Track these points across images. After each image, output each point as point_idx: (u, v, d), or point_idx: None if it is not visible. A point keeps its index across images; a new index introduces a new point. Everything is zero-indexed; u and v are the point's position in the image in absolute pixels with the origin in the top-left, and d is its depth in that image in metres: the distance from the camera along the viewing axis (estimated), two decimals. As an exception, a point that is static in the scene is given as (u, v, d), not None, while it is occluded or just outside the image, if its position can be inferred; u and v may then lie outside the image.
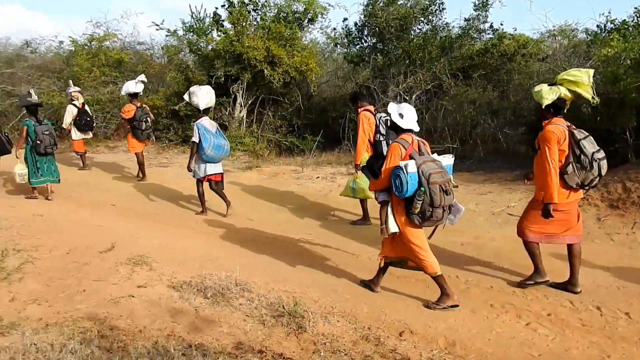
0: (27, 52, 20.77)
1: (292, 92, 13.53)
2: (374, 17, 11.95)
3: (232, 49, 12.18)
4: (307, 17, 13.10)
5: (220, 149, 7.27)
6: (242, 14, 12.48)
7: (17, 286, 4.62)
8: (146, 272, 4.95)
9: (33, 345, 3.36)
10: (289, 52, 12.35)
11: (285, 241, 6.38)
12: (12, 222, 6.38)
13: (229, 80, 12.78)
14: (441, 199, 4.06)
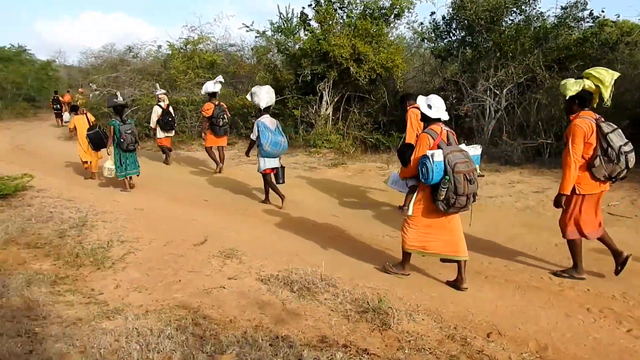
0: (129, 56, 22.29)
1: (378, 88, 13.47)
2: (463, 9, 11.60)
3: (318, 48, 12.34)
4: (394, 12, 12.97)
5: (278, 145, 7.63)
6: (329, 12, 12.60)
7: (121, 274, 5.01)
8: (236, 264, 5.18)
9: (135, 329, 3.62)
10: (374, 48, 12.30)
11: (370, 238, 6.40)
12: (116, 216, 6.89)
13: (315, 78, 12.96)
14: (465, 187, 4.29)
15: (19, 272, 4.83)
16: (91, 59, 28.88)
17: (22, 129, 21.21)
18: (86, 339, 3.41)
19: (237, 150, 13.19)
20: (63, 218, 6.71)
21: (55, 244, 5.85)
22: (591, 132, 4.51)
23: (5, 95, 28.02)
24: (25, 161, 12.71)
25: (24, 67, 31.17)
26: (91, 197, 8.05)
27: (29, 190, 8.11)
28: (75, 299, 4.31)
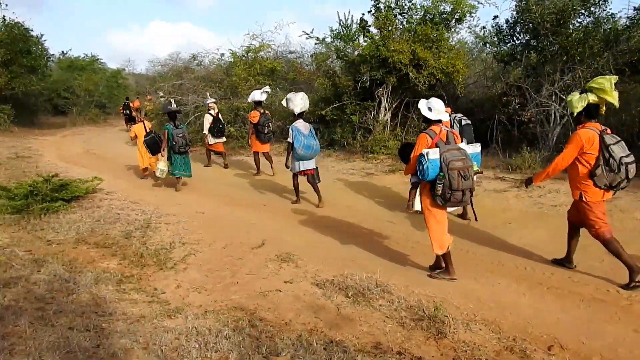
0: (193, 64, 23.01)
1: (438, 94, 13.26)
2: (528, 12, 11.26)
3: (377, 54, 12.31)
4: (455, 17, 12.75)
5: (310, 148, 8.03)
6: (388, 18, 12.55)
7: (182, 275, 5.18)
8: (292, 268, 5.25)
9: (194, 329, 3.74)
10: (435, 54, 12.15)
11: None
12: (178, 218, 7.13)
13: (374, 84, 12.93)
14: (459, 183, 4.60)
15: (88, 270, 5.09)
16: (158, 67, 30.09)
17: (93, 134, 22.31)
18: (149, 336, 3.55)
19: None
20: (129, 220, 7.01)
21: (121, 244, 6.13)
22: (592, 143, 4.76)
23: (79, 102, 29.57)
24: (95, 165, 13.37)
25: (96, 76, 32.84)
26: (155, 200, 8.37)
27: (99, 192, 8.53)
28: (139, 298, 4.50)
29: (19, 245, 5.69)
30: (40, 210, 7.16)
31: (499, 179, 9.15)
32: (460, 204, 4.88)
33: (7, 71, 20.49)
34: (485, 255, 5.89)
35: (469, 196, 4.76)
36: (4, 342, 3.20)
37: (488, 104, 12.85)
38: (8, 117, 20.79)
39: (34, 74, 22.48)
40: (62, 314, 3.78)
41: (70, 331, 3.48)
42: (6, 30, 20.76)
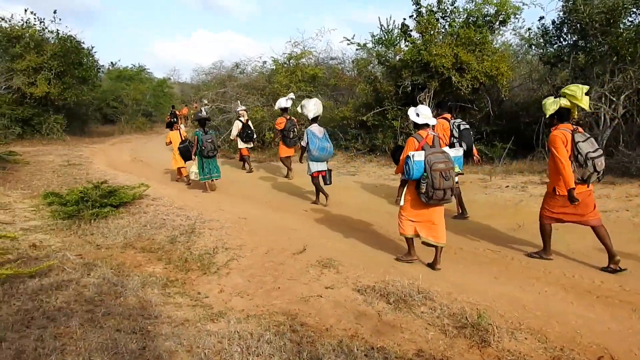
0: (236, 72, 23.39)
1: (481, 98, 13.06)
2: (575, 12, 10.94)
3: (419, 58, 12.22)
4: (499, 19, 12.54)
5: (324, 150, 8.59)
6: (430, 22, 12.45)
7: (225, 280, 5.26)
8: (333, 274, 5.24)
9: (236, 333, 3.78)
10: (478, 57, 11.97)
11: (470, 251, 6.20)
12: (222, 224, 7.24)
13: (415, 89, 12.83)
14: (440, 182, 5.15)
15: (135, 274, 5.24)
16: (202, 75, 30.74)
17: (140, 142, 22.97)
18: (192, 339, 3.62)
19: (336, 162, 13.35)
20: (174, 225, 7.17)
21: (166, 249, 6.28)
22: (567, 142, 5.34)
23: (127, 111, 30.52)
24: (142, 172, 13.75)
25: (143, 85, 33.86)
26: (199, 206, 8.53)
27: (145, 198, 8.76)
28: (184, 301, 4.59)
29: (70, 249, 5.91)
30: (90, 216, 7.41)
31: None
32: (442, 201, 5.32)
33: (60, 82, 21.35)
34: (531, 262, 5.74)
35: (449, 195, 5.27)
36: (56, 342, 3.32)
37: (534, 107, 12.51)
38: (61, 127, 21.66)
39: (85, 84, 23.33)
40: (110, 316, 3.89)
41: (118, 333, 3.58)
42: (60, 43, 21.66)
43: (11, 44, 20.75)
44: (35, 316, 3.73)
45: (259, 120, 16.41)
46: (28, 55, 20.40)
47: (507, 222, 7.52)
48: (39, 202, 8.64)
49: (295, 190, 10.40)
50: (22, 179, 11.72)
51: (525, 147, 11.83)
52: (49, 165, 13.71)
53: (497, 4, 12.22)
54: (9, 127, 18.94)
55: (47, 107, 21.81)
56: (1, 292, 4.13)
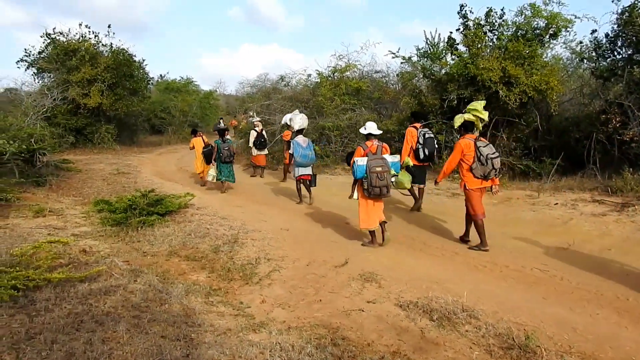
0: (281, 85, 23.67)
1: (529, 112, 12.74)
2: (631, 25, 10.59)
3: (465, 72, 12.06)
4: (549, 32, 12.24)
5: (306, 157, 10.08)
6: (478, 35, 12.29)
7: (267, 290, 5.28)
8: (375, 288, 5.18)
9: (278, 344, 3.78)
10: (527, 70, 11.71)
11: (516, 270, 6.02)
12: (264, 234, 7.30)
13: (461, 103, 12.64)
14: (376, 182, 6.61)
15: (179, 281, 5.33)
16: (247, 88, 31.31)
17: (186, 152, 23.40)
18: (235, 349, 3.64)
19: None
20: (218, 235, 7.27)
21: (210, 258, 6.36)
22: (469, 148, 6.83)
23: (174, 121, 31.33)
24: (187, 181, 14.06)
25: (190, 97, 34.70)
26: (242, 216, 8.63)
27: (190, 207, 8.93)
28: (226, 311, 4.63)
29: (118, 256, 6.06)
30: (137, 223, 7.60)
31: (597, 202, 8.58)
32: (380, 196, 6.80)
33: (112, 94, 22.12)
34: (582, 283, 5.52)
35: (385, 192, 6.72)
36: (104, 346, 3.39)
37: (585, 122, 12.12)
38: (112, 136, 22.41)
39: (135, 96, 24.10)
40: (155, 323, 3.96)
41: (163, 339, 3.63)
42: (113, 56, 22.48)
43: (68, 57, 21.66)
44: (84, 320, 3.83)
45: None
46: (83, 68, 21.25)
47: (556, 240, 7.28)
48: (89, 209, 8.93)
49: (336, 203, 10.38)
50: (74, 186, 12.17)
51: (576, 164, 11.47)
52: (99, 174, 14.18)
53: (548, 17, 11.95)
54: (63, 136, 19.70)
55: (99, 118, 22.63)
56: (53, 295, 4.27)
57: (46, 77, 22.75)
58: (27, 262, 4.80)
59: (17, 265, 4.62)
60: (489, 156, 6.72)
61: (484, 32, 12.49)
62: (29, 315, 3.82)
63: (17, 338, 3.40)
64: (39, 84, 22.66)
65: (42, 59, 22.15)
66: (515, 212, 8.89)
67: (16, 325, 3.61)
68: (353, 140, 15.91)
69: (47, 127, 16.89)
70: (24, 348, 3.26)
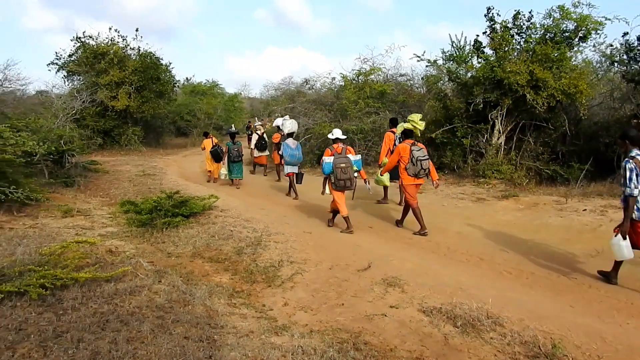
0: (305, 88, 23.76)
1: (558, 116, 12.53)
2: (663, 28, 10.35)
3: (492, 75, 11.92)
4: (579, 35, 12.02)
5: (294, 157, 11.66)
6: (505, 38, 12.14)
7: (290, 293, 5.28)
8: (398, 293, 5.13)
9: (300, 347, 3.77)
10: (555, 74, 11.52)
11: (543, 277, 5.90)
12: (287, 237, 7.30)
13: (487, 106, 12.51)
14: (340, 175, 7.96)
15: (203, 283, 5.36)
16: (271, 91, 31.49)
17: (211, 154, 23.67)
18: (257, 352, 3.64)
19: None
20: (241, 237, 7.30)
21: (233, 259, 6.39)
22: (405, 151, 8.08)
23: (199, 124, 31.69)
24: (211, 183, 14.17)
25: (215, 100, 35.07)
26: (266, 219, 8.65)
27: (214, 209, 8.98)
28: (249, 313, 4.64)
29: (143, 256, 6.13)
30: (162, 225, 7.68)
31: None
32: (345, 188, 8.15)
33: (139, 96, 22.49)
34: (611, 291, 5.39)
35: (349, 184, 8.08)
36: (128, 345, 3.43)
37: (615, 127, 11.86)
38: (138, 138, 22.77)
39: (161, 98, 24.45)
40: (179, 324, 3.99)
41: (186, 340, 3.65)
42: (140, 59, 22.86)
43: (97, 60, 22.10)
44: (110, 319, 3.88)
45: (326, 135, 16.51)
46: (111, 71, 21.66)
47: (584, 247, 7.12)
48: (116, 210, 9.07)
49: (359, 205, 10.34)
50: (101, 187, 12.37)
51: (605, 169, 11.24)
52: (126, 175, 14.39)
53: (577, 19, 11.74)
54: (92, 138, 20.07)
55: (126, 120, 23.03)
56: (80, 294, 4.33)
57: (76, 79, 23.27)
58: (56, 262, 4.89)
59: (46, 264, 4.70)
60: (419, 158, 7.99)
61: (511, 35, 12.34)
62: (56, 314, 3.89)
63: (45, 336, 3.46)
64: (69, 87, 23.18)
65: (72, 62, 22.65)
66: (542, 217, 8.73)
67: (44, 323, 3.68)
68: (377, 144, 15.85)
69: (76, 128, 17.24)
70: (52, 346, 3.32)
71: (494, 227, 8.43)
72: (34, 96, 24.22)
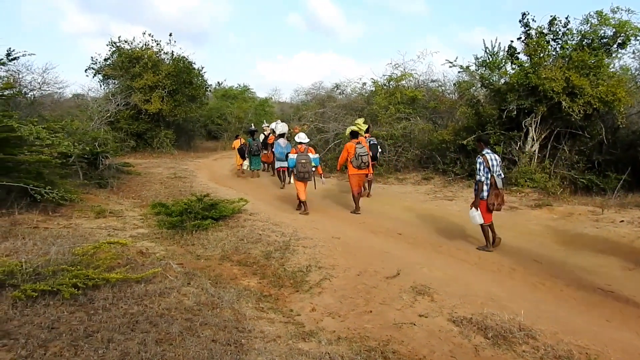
0: (336, 93, 23.75)
1: (594, 124, 12.21)
2: None
3: (526, 82, 11.70)
4: (617, 41, 11.71)
5: (283, 154, 13.37)
6: (540, 44, 11.91)
7: (317, 299, 5.24)
8: (427, 302, 5.05)
9: (327, 354, 3.74)
10: (592, 81, 11.24)
11: (580, 289, 5.73)
12: (315, 242, 7.28)
13: (521, 113, 12.28)
14: (300, 169, 9.79)
15: (231, 286, 5.37)
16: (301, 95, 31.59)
17: (241, 158, 23.88)
18: (284, 357, 3.61)
19: (433, 185, 13.07)
20: (269, 241, 7.31)
21: (261, 263, 6.39)
22: (352, 149, 10.10)
23: (230, 127, 32.02)
24: (241, 186, 14.26)
25: (245, 104, 35.43)
26: (294, 223, 8.65)
27: (243, 213, 9.03)
28: (276, 317, 4.62)
29: (172, 258, 6.18)
30: (192, 227, 7.75)
31: None
32: (304, 179, 9.98)
33: (172, 100, 22.86)
34: (651, 306, 5.20)
35: (307, 176, 9.91)
36: (157, 347, 3.45)
37: (657, 136, 11.51)
38: (170, 141, 23.15)
39: (193, 102, 24.80)
40: (207, 326, 4.00)
41: (214, 343, 3.65)
42: (173, 63, 23.24)
43: (132, 64, 22.56)
44: (139, 320, 3.91)
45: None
46: (145, 75, 22.08)
47: (621, 259, 6.90)
48: (147, 211, 9.19)
49: (389, 214, 10.27)
50: (133, 188, 12.58)
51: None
52: (157, 177, 14.61)
53: (616, 25, 11.44)
54: (125, 140, 20.48)
55: (158, 123, 23.42)
56: (111, 294, 4.39)
57: (111, 83, 23.80)
58: (88, 262, 4.96)
59: (79, 264, 4.78)
60: (360, 154, 10.11)
61: (546, 40, 12.10)
62: (87, 313, 3.94)
63: (76, 335, 3.50)
64: (104, 90, 23.71)
65: (107, 66, 23.17)
66: (577, 228, 8.50)
67: (75, 323, 3.73)
68: (407, 150, 15.73)
69: (110, 131, 17.63)
70: (82, 345, 3.36)
71: (527, 236, 8.24)
72: (70, 99, 24.86)
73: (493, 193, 7.42)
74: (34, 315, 3.77)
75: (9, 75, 15.02)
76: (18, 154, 8.30)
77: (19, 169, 8.36)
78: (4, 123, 7.55)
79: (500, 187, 7.45)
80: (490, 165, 7.35)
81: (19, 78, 16.47)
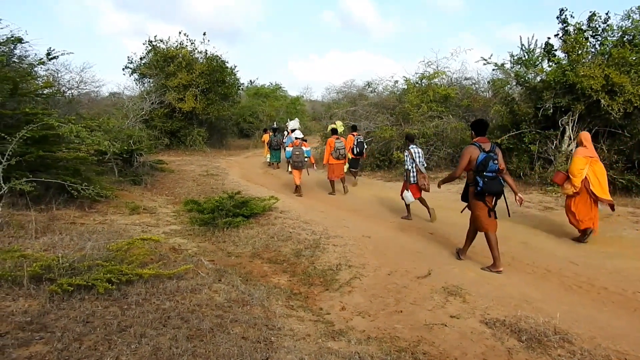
0: (367, 91, 23.65)
1: (635, 123, 11.80)
2: None
3: (563, 79, 11.41)
4: (660, 37, 11.33)
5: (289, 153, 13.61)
6: (578, 41, 11.59)
7: (347, 298, 5.22)
8: (459, 303, 4.97)
9: (357, 354, 3.71)
10: (633, 78, 10.88)
11: (617, 293, 5.55)
12: (345, 241, 7.26)
13: (557, 112, 11.98)
14: (295, 159, 12.13)
15: (261, 283, 5.40)
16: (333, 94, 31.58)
17: (272, 156, 24.04)
18: (313, 356, 3.60)
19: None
20: (300, 239, 7.32)
21: (291, 261, 6.41)
22: (332, 143, 12.61)
23: (262, 126, 32.25)
24: (272, 184, 14.35)
25: (277, 102, 35.63)
26: (325, 221, 8.65)
27: (274, 211, 9.08)
28: (306, 316, 4.62)
29: (204, 255, 6.26)
30: (223, 224, 7.83)
31: None
32: (298, 168, 12.18)
33: (205, 98, 23.16)
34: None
35: (300, 165, 12.08)
36: (188, 343, 3.48)
37: None
38: (203, 139, 23.44)
39: (226, 100, 25.06)
40: (237, 324, 4.02)
41: (244, 341, 3.67)
42: (207, 62, 23.52)
43: (166, 63, 22.93)
44: (171, 316, 3.96)
45: (387, 139, 16.35)
46: (180, 74, 22.43)
47: (663, 263, 6.65)
48: (179, 208, 9.33)
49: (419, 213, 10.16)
50: (166, 185, 12.79)
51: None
52: (190, 175, 14.82)
53: (659, 20, 11.06)
54: (159, 138, 20.84)
55: (192, 121, 23.74)
56: (144, 290, 4.46)
57: (146, 82, 24.23)
58: (122, 257, 5.06)
59: (112, 260, 4.88)
60: (338, 148, 12.55)
61: (585, 37, 11.78)
62: (121, 308, 4.01)
63: (110, 329, 3.57)
64: (139, 89, 24.16)
65: (143, 65, 23.60)
66: (616, 230, 8.24)
67: (109, 317, 3.80)
68: (439, 149, 15.55)
69: (144, 129, 17.98)
70: (116, 340, 3.41)
71: (563, 238, 8.03)
72: (107, 97, 25.43)
73: (420, 176, 9.36)
74: (70, 309, 3.86)
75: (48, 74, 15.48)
76: (56, 151, 8.53)
77: (57, 165, 8.59)
78: (44, 121, 7.76)
79: (422, 172, 9.37)
80: (415, 157, 9.33)
81: (57, 77, 16.95)
